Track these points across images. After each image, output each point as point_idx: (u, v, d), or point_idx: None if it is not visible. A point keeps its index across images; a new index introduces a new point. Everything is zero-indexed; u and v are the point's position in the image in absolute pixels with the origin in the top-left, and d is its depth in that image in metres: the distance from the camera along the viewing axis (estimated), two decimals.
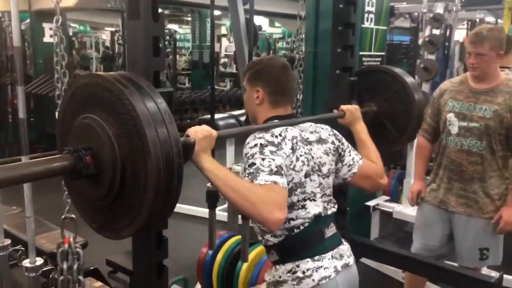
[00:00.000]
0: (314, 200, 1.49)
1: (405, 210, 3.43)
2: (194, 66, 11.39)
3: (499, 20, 5.02)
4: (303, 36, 2.29)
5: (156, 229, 1.13)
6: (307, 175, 1.47)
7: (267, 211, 1.21)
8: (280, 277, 1.47)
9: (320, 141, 1.55)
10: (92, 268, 2.56)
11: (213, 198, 2.45)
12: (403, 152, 3.78)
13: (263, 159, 1.34)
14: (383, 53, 3.45)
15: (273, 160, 1.34)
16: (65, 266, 1.71)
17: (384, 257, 2.39)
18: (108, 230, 1.13)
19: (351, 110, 1.80)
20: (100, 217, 1.13)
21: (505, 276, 2.64)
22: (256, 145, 1.39)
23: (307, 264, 1.44)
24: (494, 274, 2.50)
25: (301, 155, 1.46)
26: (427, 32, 4.51)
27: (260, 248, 2.74)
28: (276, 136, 1.42)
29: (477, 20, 5.20)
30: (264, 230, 1.48)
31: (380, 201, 3.57)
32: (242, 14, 2.28)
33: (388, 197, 3.78)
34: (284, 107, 1.58)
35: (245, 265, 2.62)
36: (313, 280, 1.43)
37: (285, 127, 1.47)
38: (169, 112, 1.03)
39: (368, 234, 3.47)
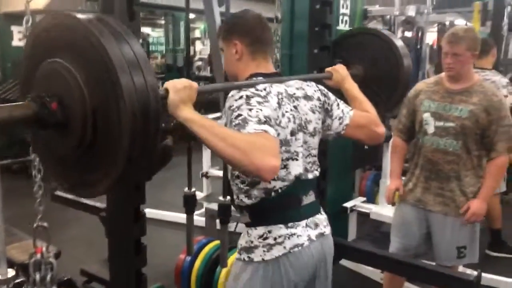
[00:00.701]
0: (297, 160, 1.45)
1: (382, 210, 3.46)
2: (168, 69, 11.30)
3: (468, 23, 5.14)
4: (279, 38, 2.27)
5: (134, 181, 1.06)
6: (292, 133, 1.42)
7: (259, 158, 1.13)
8: (252, 242, 1.43)
9: (306, 97, 1.51)
10: (66, 278, 2.49)
11: (190, 202, 2.41)
12: (379, 154, 3.82)
13: (250, 110, 1.27)
14: None
15: (261, 110, 1.27)
16: (37, 277, 1.65)
17: (362, 257, 2.41)
18: (82, 187, 1.05)
19: (337, 69, 1.76)
20: (73, 174, 1.05)
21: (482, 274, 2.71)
22: (241, 97, 1.32)
23: (279, 230, 1.41)
24: (470, 272, 2.56)
25: (286, 111, 1.41)
26: (399, 35, 4.58)
27: None
28: (261, 90, 1.36)
29: (447, 23, 5.31)
30: (240, 188, 1.45)
31: (357, 202, 3.59)
32: (218, 16, 2.26)
33: (364, 198, 3.82)
34: (264, 59, 1.53)
35: (224, 270, 2.59)
36: (285, 247, 1.40)
37: (269, 84, 1.41)
38: (145, 58, 0.96)
39: (346, 236, 3.49)
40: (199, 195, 4.24)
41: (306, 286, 1.48)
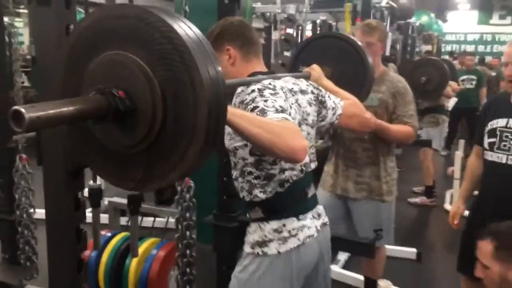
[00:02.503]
0: None
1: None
2: (34, 62, 10.44)
3: (338, 23, 5.65)
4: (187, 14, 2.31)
5: (209, 155, 0.95)
6: (299, 125, 1.47)
7: (292, 140, 1.18)
8: (265, 236, 1.47)
9: (302, 91, 1.56)
10: None
11: (95, 196, 2.36)
12: None
13: (265, 101, 1.29)
14: None
15: (275, 101, 1.30)
16: None
17: None
18: (153, 179, 0.97)
19: (314, 68, 1.82)
20: (139, 168, 0.97)
21: (397, 247, 3.01)
22: (253, 90, 1.34)
23: (293, 223, 1.48)
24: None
25: (292, 104, 1.45)
26: (280, 32, 4.90)
27: (149, 242, 2.73)
28: (268, 84, 1.39)
29: (319, 21, 5.79)
30: (254, 184, 1.48)
31: None
32: None
33: None
34: (258, 58, 1.57)
35: (134, 261, 2.58)
36: (299, 239, 1.47)
37: (271, 79, 1.44)
38: (208, 41, 0.93)
39: None
40: None
41: (310, 273, 1.56)
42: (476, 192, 2.40)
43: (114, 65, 0.91)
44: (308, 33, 5.60)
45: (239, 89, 1.41)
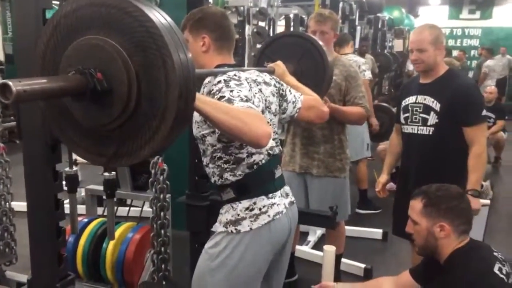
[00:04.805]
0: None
1: None
2: (8, 60, 10.31)
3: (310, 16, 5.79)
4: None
5: (177, 135, 1.01)
6: (262, 112, 1.55)
7: (257, 126, 1.27)
8: (238, 215, 1.56)
9: (266, 83, 1.66)
10: None
11: (72, 181, 2.45)
12: None
13: (231, 91, 1.38)
14: None
15: (240, 91, 1.39)
16: None
17: None
18: (125, 155, 1.04)
19: (278, 64, 1.90)
20: (112, 144, 1.04)
21: (365, 229, 3.18)
22: (220, 81, 1.43)
23: (263, 201, 1.57)
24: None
25: (256, 93, 1.54)
26: (252, 26, 5.02)
27: (126, 226, 2.82)
28: (233, 75, 1.47)
29: (292, 15, 5.94)
30: (224, 168, 1.57)
31: None
32: None
33: None
34: (229, 52, 1.66)
35: (111, 244, 2.67)
36: (269, 215, 1.56)
37: (236, 71, 1.52)
38: (176, 26, 1.00)
39: None
40: None
41: (279, 249, 1.65)
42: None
43: (93, 48, 0.98)
44: (281, 28, 5.74)
45: (206, 80, 1.50)
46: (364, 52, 5.74)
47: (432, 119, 2.33)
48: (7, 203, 2.82)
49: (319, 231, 3.73)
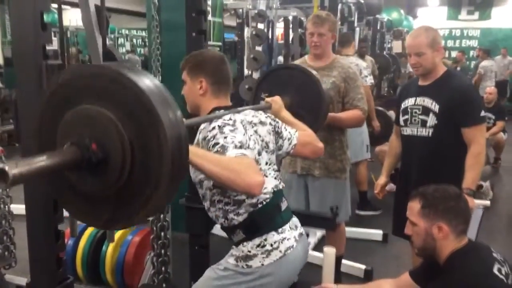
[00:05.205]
0: (266, 176, 1.60)
1: None
2: (7, 63, 10.33)
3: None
4: (155, 27, 2.43)
5: (172, 198, 1.04)
6: (259, 153, 1.59)
7: (249, 176, 1.30)
8: (249, 251, 1.55)
9: (261, 123, 1.68)
10: None
11: None
12: None
13: (225, 137, 1.41)
14: (220, 44, 3.80)
15: (234, 137, 1.42)
16: None
17: None
18: (120, 220, 1.07)
19: (276, 100, 1.95)
20: (108, 209, 1.06)
21: (365, 230, 3.19)
22: (214, 127, 1.46)
23: (273, 237, 1.56)
24: None
25: (251, 135, 1.56)
26: (251, 28, 5.02)
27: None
28: (228, 120, 1.51)
29: (290, 17, 5.95)
30: (226, 210, 1.58)
31: None
32: (92, 7, 2.31)
33: None
34: (225, 95, 1.70)
35: (111, 246, 2.68)
36: (280, 251, 1.56)
37: (231, 114, 1.56)
38: (166, 90, 1.03)
39: None
40: None
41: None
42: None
43: (88, 118, 1.01)
44: (279, 30, 5.75)
45: (202, 126, 1.53)
46: (363, 53, 5.74)
47: (431, 120, 2.33)
48: (6, 206, 2.82)
49: (319, 233, 3.72)
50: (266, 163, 1.63)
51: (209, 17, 3.44)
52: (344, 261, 3.09)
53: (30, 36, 1.37)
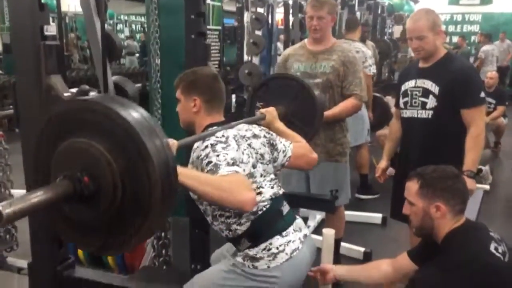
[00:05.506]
0: (264, 187, 1.65)
1: None
2: (6, 50, 10.30)
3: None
4: (154, 10, 2.41)
5: (161, 228, 1.10)
6: (254, 166, 1.62)
7: (240, 193, 1.34)
8: (255, 254, 1.58)
9: (255, 136, 1.72)
10: None
11: None
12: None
13: (217, 155, 1.45)
14: (219, 28, 3.78)
15: (227, 154, 1.46)
16: None
17: None
18: (112, 247, 1.11)
19: (270, 111, 1.99)
20: (100, 237, 1.11)
21: (364, 213, 3.22)
22: (207, 146, 1.51)
23: (278, 240, 1.60)
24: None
25: (244, 149, 1.61)
26: (251, 13, 4.99)
27: None
28: (221, 137, 1.55)
29: (290, 1, 5.90)
30: (228, 222, 1.60)
31: None
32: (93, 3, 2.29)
33: None
34: (218, 112, 1.74)
35: None
36: (286, 253, 1.59)
37: (224, 130, 1.61)
38: (153, 119, 1.07)
39: None
40: None
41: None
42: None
43: (80, 151, 1.04)
44: (279, 14, 5.70)
45: (195, 145, 1.57)
46: (364, 38, 5.69)
47: (431, 102, 2.33)
48: (7, 191, 2.83)
49: (319, 216, 3.75)
50: (261, 175, 1.66)
51: (208, 1, 3.41)
52: (343, 244, 3.11)
53: (28, 16, 1.36)
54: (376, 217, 3.85)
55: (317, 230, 3.55)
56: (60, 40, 3.21)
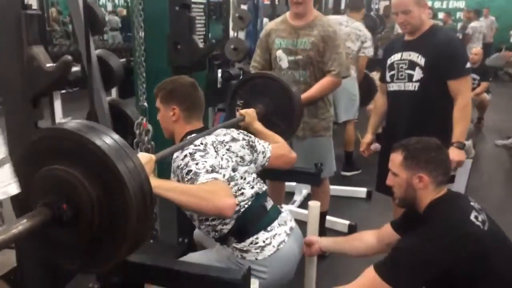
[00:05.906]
0: (245, 188, 1.68)
1: None
2: None
3: None
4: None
5: (141, 244, 1.13)
6: (234, 170, 1.66)
7: (218, 200, 1.37)
8: (244, 247, 1.63)
9: (234, 139, 1.76)
10: None
11: None
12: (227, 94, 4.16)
13: (196, 164, 1.49)
14: (204, 1, 3.72)
15: (206, 162, 1.50)
16: None
17: None
18: (92, 266, 1.15)
19: (249, 112, 2.05)
20: (80, 257, 1.15)
21: (349, 188, 3.28)
22: (185, 155, 1.54)
23: (264, 235, 1.63)
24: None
25: (223, 155, 1.65)
26: None
27: None
28: (199, 145, 1.59)
29: None
30: (214, 224, 1.63)
31: None
32: None
33: None
34: (197, 119, 1.78)
35: None
36: (273, 246, 1.62)
37: (203, 137, 1.64)
38: (126, 143, 1.09)
39: None
40: None
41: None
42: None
43: (58, 178, 1.06)
44: None
45: (175, 155, 1.61)
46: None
47: (418, 74, 2.34)
48: None
49: (305, 191, 3.79)
50: (242, 177, 1.68)
51: None
52: (328, 217, 3.16)
53: (11, 18, 1.33)
54: (361, 191, 3.91)
55: (303, 205, 3.60)
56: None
